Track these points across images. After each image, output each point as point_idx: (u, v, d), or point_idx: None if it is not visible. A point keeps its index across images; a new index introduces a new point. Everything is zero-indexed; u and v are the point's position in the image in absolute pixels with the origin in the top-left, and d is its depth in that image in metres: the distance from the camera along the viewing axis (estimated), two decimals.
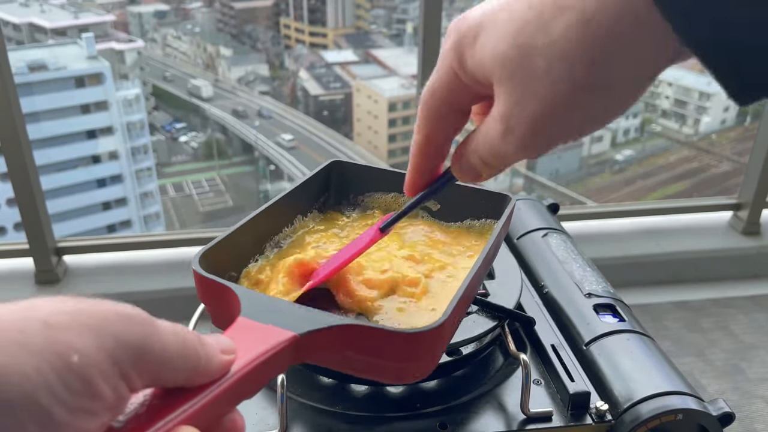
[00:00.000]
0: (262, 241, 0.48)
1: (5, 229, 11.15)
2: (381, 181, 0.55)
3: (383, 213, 0.55)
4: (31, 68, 12.05)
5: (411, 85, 17.70)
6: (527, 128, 0.29)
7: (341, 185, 0.56)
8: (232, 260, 0.44)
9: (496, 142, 0.31)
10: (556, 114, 0.28)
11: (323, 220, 0.54)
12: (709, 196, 1.71)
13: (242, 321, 0.32)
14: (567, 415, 0.48)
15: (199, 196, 17.90)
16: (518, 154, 0.31)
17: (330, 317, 0.34)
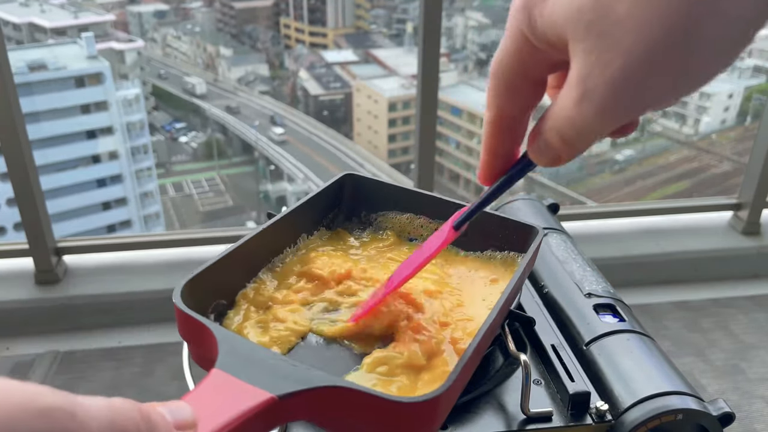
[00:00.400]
0: (260, 263, 0.43)
1: (5, 229, 11.14)
2: (397, 200, 0.50)
3: (397, 235, 0.51)
4: (30, 68, 12.05)
5: (411, 85, 17.70)
6: (608, 89, 0.25)
7: (353, 201, 0.51)
8: (223, 288, 0.40)
9: (572, 112, 0.26)
10: (642, 68, 0.24)
11: (330, 239, 0.49)
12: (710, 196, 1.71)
13: (216, 374, 0.28)
14: (567, 415, 0.48)
15: (199, 195, 17.90)
16: (598, 123, 0.26)
17: (318, 375, 0.29)
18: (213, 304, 0.39)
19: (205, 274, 0.37)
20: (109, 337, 1.47)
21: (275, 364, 0.29)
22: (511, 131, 0.32)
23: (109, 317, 1.49)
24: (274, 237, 0.44)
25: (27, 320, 1.50)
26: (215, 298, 0.39)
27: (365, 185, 0.51)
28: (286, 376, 0.29)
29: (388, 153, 19.00)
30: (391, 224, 0.51)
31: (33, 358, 1.42)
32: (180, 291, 0.35)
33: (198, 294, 0.36)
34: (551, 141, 0.29)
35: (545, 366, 0.53)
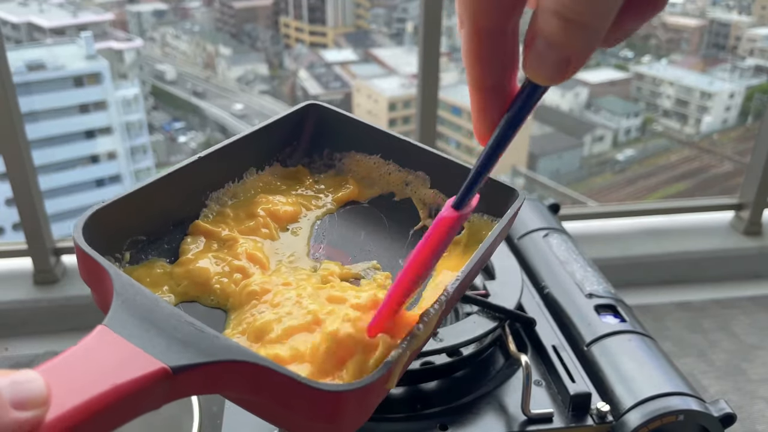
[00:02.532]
0: (192, 197, 0.37)
1: (4, 229, 11.14)
2: (366, 140, 0.43)
3: (358, 180, 0.43)
4: (29, 68, 12.04)
5: (411, 84, 17.70)
6: None
7: (316, 136, 0.44)
8: (146, 222, 0.34)
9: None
10: None
11: (285, 177, 0.42)
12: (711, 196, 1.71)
13: (100, 333, 0.23)
14: (568, 416, 0.48)
15: None
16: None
17: (228, 347, 0.24)
18: (129, 240, 0.33)
19: (120, 203, 0.31)
20: None
21: (177, 328, 0.24)
22: (498, 49, 0.23)
23: None
24: (216, 166, 0.37)
25: (26, 320, 1.50)
26: (132, 233, 0.33)
27: (331, 118, 0.44)
28: (189, 344, 0.23)
29: None
30: (356, 167, 0.44)
31: (32, 359, 1.42)
32: (83, 224, 0.29)
33: (109, 225, 0.30)
34: (551, 33, 0.20)
35: (546, 367, 0.52)
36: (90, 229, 0.29)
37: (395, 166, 0.43)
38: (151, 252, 0.34)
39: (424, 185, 0.42)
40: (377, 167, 0.44)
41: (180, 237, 0.36)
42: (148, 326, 0.24)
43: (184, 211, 0.36)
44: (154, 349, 0.23)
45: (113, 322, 0.24)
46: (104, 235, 0.30)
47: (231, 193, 0.39)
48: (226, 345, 0.24)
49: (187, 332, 0.24)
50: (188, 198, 0.37)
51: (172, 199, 0.35)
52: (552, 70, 0.21)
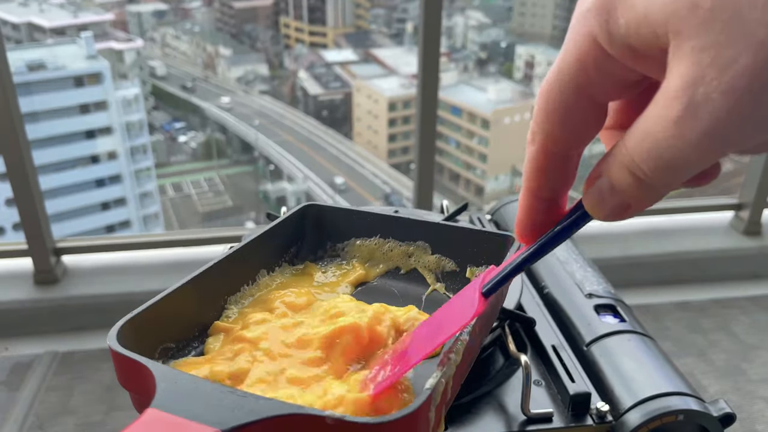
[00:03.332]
0: (212, 303, 0.39)
1: (4, 229, 11.14)
2: (362, 225, 0.47)
3: (363, 263, 0.47)
4: (30, 68, 12.06)
5: (411, 84, 17.72)
6: (727, 100, 0.18)
7: (317, 233, 0.47)
8: (170, 329, 0.36)
9: (665, 135, 0.19)
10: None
11: (296, 275, 0.46)
12: (711, 196, 1.70)
13: (150, 414, 0.25)
14: (567, 415, 0.48)
15: (198, 196, 17.91)
16: (703, 150, 0.19)
17: (271, 403, 0.26)
18: (159, 348, 0.35)
19: (147, 313, 0.34)
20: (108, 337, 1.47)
21: (221, 397, 0.26)
22: (560, 169, 0.25)
23: (108, 317, 1.48)
24: (228, 272, 0.40)
25: (26, 320, 1.50)
26: (161, 342, 0.35)
27: (328, 213, 0.48)
28: (234, 408, 0.26)
29: (388, 153, 19.02)
30: (358, 251, 0.47)
31: (32, 359, 1.42)
32: (117, 331, 0.31)
33: (140, 336, 0.33)
34: (618, 181, 0.22)
35: (546, 367, 0.53)
36: (123, 337, 0.31)
37: (395, 243, 0.47)
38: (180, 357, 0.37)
39: (426, 253, 0.46)
40: (378, 247, 0.47)
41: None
42: (193, 402, 0.26)
43: (207, 317, 0.39)
44: (204, 417, 0.25)
45: (160, 403, 0.26)
46: (136, 343, 0.32)
47: (248, 295, 0.42)
48: (270, 403, 0.26)
49: (231, 399, 0.26)
50: (208, 304, 0.39)
51: (193, 306, 0.38)
52: (611, 212, 0.23)
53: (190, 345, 0.38)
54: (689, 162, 0.20)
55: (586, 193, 0.24)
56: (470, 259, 0.44)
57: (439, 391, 0.28)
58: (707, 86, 0.18)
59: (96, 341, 1.46)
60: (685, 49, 0.19)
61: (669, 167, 0.20)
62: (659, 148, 0.20)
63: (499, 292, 0.33)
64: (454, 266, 0.45)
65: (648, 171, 0.20)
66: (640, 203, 0.22)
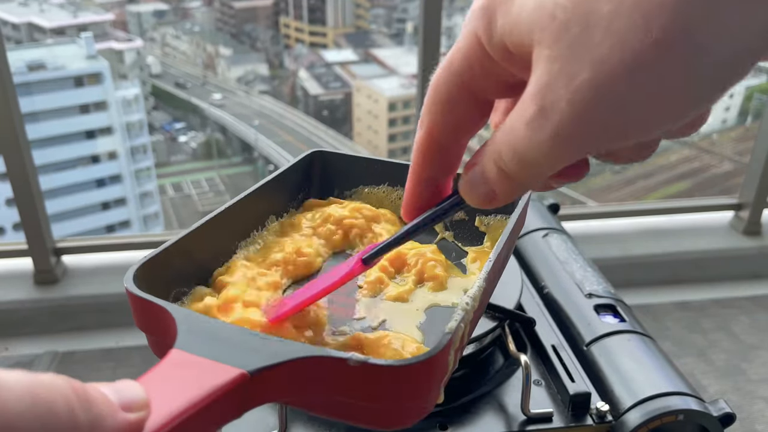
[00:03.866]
0: (223, 247, 0.40)
1: (4, 229, 11.14)
2: (370, 173, 0.47)
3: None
4: (30, 68, 12.06)
5: (411, 84, 17.71)
6: (571, 108, 0.19)
7: (324, 179, 0.48)
8: (182, 273, 0.36)
9: (521, 133, 0.21)
10: (617, 86, 0.19)
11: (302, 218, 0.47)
12: (710, 196, 1.71)
13: (175, 355, 0.25)
14: (567, 415, 0.48)
15: (198, 196, 17.91)
16: (550, 151, 0.21)
17: (293, 346, 0.26)
18: (173, 292, 0.36)
19: (161, 256, 0.34)
20: (107, 337, 1.47)
21: (244, 339, 0.26)
22: (442, 158, 0.27)
23: (108, 317, 1.49)
24: (238, 218, 0.40)
25: (26, 320, 1.50)
26: (174, 286, 0.36)
27: (335, 161, 0.48)
28: (258, 350, 0.26)
29: (388, 153, 19.02)
30: (366, 198, 0.47)
31: (32, 359, 1.42)
32: (133, 274, 0.32)
33: (154, 279, 0.33)
34: (487, 171, 0.23)
35: (546, 366, 0.53)
36: (139, 280, 0.32)
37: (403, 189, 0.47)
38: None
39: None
40: (387, 195, 0.47)
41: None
42: (217, 343, 0.26)
43: (218, 263, 0.39)
44: (229, 359, 0.25)
45: (184, 344, 0.26)
46: (151, 286, 0.32)
47: (257, 240, 0.42)
48: (293, 346, 0.26)
49: (254, 342, 0.26)
50: (219, 248, 0.39)
51: (205, 250, 0.38)
52: (480, 198, 0.25)
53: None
54: (541, 160, 0.21)
55: (462, 179, 0.25)
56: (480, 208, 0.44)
57: (458, 336, 0.28)
58: (555, 94, 0.20)
59: (96, 341, 1.46)
60: (542, 57, 0.20)
61: (525, 163, 0.22)
62: (516, 145, 0.21)
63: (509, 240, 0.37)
64: (463, 215, 0.45)
65: (509, 164, 0.22)
66: (504, 194, 0.24)
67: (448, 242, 0.45)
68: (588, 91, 0.19)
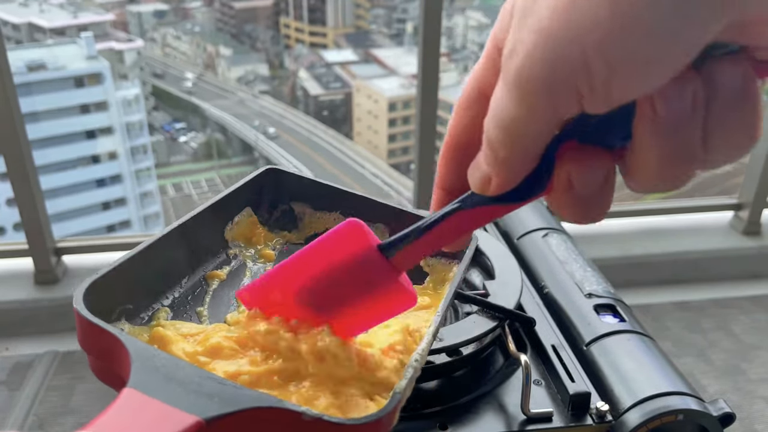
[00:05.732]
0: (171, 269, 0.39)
1: (5, 229, 11.15)
2: (324, 198, 0.46)
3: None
4: (30, 68, 12.06)
5: (411, 84, 17.72)
6: (525, 46, 0.19)
7: (276, 199, 0.46)
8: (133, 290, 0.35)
9: (496, 93, 0.20)
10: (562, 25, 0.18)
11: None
12: (710, 196, 1.71)
13: (128, 395, 0.25)
14: (567, 415, 0.48)
15: (198, 196, 17.92)
16: (521, 104, 0.20)
17: (249, 394, 0.26)
18: (118, 309, 0.35)
19: (113, 273, 0.33)
20: None
21: (200, 383, 0.26)
22: (465, 160, 0.26)
23: None
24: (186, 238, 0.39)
25: (26, 320, 1.50)
26: (122, 302, 0.35)
27: (288, 181, 0.46)
28: (215, 396, 0.25)
29: (388, 153, 19.02)
30: (316, 224, 0.47)
31: (32, 359, 1.42)
32: (82, 294, 0.30)
33: (104, 297, 0.32)
34: (483, 154, 0.23)
35: (545, 366, 0.53)
36: (88, 299, 0.30)
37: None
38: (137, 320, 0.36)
39: (384, 236, 0.45)
40: (336, 223, 0.46)
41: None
42: (172, 385, 0.26)
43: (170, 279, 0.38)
44: (185, 404, 0.24)
45: (138, 383, 0.25)
46: (97, 304, 0.31)
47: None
48: (250, 394, 0.26)
49: (210, 386, 0.26)
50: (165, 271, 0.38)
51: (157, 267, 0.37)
52: (477, 183, 0.24)
53: (151, 306, 0.37)
54: (516, 120, 0.20)
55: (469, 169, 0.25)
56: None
57: (406, 394, 0.29)
58: (515, 53, 0.19)
59: None
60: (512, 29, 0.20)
61: (503, 129, 0.21)
62: (494, 110, 0.21)
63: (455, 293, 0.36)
64: None
65: (493, 136, 0.21)
66: (498, 177, 0.23)
67: None
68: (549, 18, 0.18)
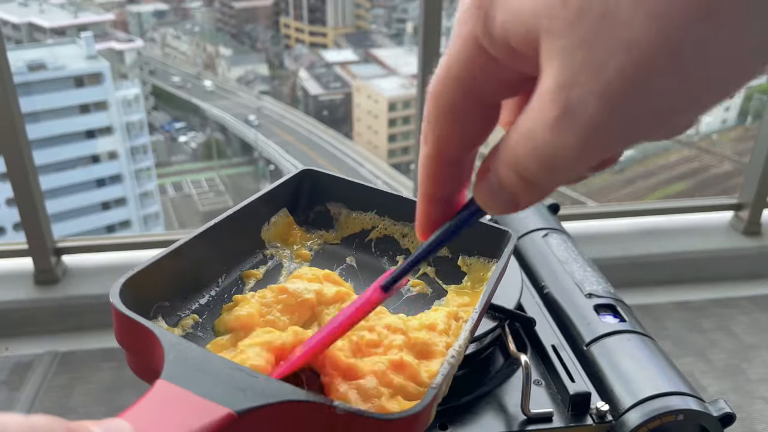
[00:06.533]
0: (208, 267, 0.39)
1: (4, 229, 11.14)
2: (360, 198, 0.46)
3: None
4: (30, 68, 12.05)
5: (411, 84, 17.72)
6: (602, 103, 0.17)
7: (312, 200, 0.47)
8: (168, 287, 0.36)
9: (545, 137, 0.19)
10: (656, 69, 0.16)
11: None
12: (710, 196, 1.71)
13: (162, 386, 0.25)
14: (567, 415, 0.48)
15: (198, 196, 17.92)
16: (582, 152, 0.19)
17: (282, 388, 0.26)
18: (155, 306, 0.35)
19: (149, 270, 0.34)
20: (108, 337, 1.47)
21: (232, 375, 0.26)
22: (454, 172, 0.25)
23: (108, 317, 1.47)
24: (223, 238, 0.39)
25: (26, 320, 1.50)
26: (158, 299, 0.35)
27: (325, 181, 0.47)
28: (246, 389, 0.25)
29: (388, 153, 19.01)
30: (352, 225, 0.47)
31: (32, 359, 1.42)
32: (119, 289, 0.31)
33: (140, 293, 0.32)
34: (505, 179, 0.21)
35: (546, 366, 0.53)
36: (124, 295, 0.31)
37: (390, 221, 0.46)
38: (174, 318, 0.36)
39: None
40: (373, 223, 0.46)
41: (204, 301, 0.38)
42: (204, 377, 0.26)
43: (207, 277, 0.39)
44: (217, 396, 0.25)
45: (171, 375, 0.26)
46: (135, 301, 0.31)
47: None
48: (281, 387, 0.26)
49: (241, 379, 0.26)
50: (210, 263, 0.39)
51: (193, 265, 0.37)
52: (500, 206, 0.23)
53: (188, 304, 0.37)
54: (570, 162, 0.19)
55: (477, 190, 0.23)
56: (464, 248, 0.44)
57: (443, 389, 0.29)
58: (581, 88, 0.18)
59: (96, 341, 1.46)
60: (557, 49, 0.18)
61: (551, 167, 0.20)
62: (540, 149, 0.19)
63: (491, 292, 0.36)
64: (447, 252, 0.45)
65: (532, 170, 0.20)
66: (528, 199, 0.22)
67: (429, 277, 0.45)
68: (621, 80, 0.17)
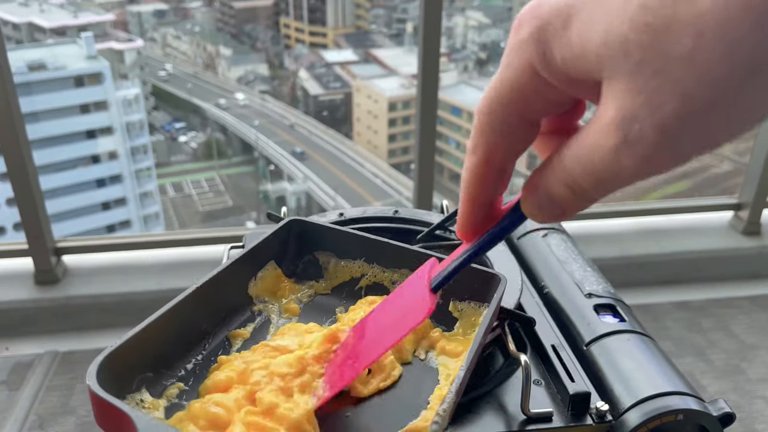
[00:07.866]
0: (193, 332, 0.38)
1: (5, 229, 11.15)
2: (348, 246, 0.46)
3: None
4: (30, 68, 12.05)
5: (411, 84, 17.72)
6: (658, 137, 0.21)
7: (300, 250, 0.46)
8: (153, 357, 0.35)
9: (603, 160, 0.23)
10: (704, 113, 0.21)
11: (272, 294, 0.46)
12: (710, 195, 1.70)
13: None
14: (567, 415, 0.48)
15: (198, 196, 17.92)
16: (635, 174, 0.23)
17: None
18: (138, 378, 0.34)
19: (128, 345, 0.33)
20: (108, 337, 1.47)
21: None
22: (498, 179, 0.29)
23: (108, 317, 1.49)
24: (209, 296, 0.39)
25: (26, 320, 1.50)
26: (141, 371, 0.34)
27: (312, 231, 0.46)
28: None
29: (388, 153, 19.02)
30: (341, 273, 0.47)
31: (32, 358, 1.42)
32: (96, 369, 0.30)
33: (121, 368, 0.32)
34: (557, 194, 0.25)
35: (545, 366, 0.53)
36: (102, 375, 0.30)
37: (379, 268, 0.46)
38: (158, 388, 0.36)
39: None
40: (362, 270, 0.46)
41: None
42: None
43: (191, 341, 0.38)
44: None
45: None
46: (115, 377, 0.31)
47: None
48: None
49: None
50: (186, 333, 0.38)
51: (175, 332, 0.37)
52: (549, 217, 0.26)
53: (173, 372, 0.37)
54: (624, 182, 0.23)
55: (525, 202, 0.27)
56: (454, 292, 0.45)
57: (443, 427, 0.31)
58: (643, 122, 0.21)
59: (96, 341, 1.46)
60: (619, 90, 0.22)
61: (607, 186, 0.24)
62: (598, 172, 0.23)
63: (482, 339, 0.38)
64: (437, 297, 0.45)
65: (587, 188, 0.24)
66: (574, 210, 0.26)
67: None
68: (675, 118, 0.21)
